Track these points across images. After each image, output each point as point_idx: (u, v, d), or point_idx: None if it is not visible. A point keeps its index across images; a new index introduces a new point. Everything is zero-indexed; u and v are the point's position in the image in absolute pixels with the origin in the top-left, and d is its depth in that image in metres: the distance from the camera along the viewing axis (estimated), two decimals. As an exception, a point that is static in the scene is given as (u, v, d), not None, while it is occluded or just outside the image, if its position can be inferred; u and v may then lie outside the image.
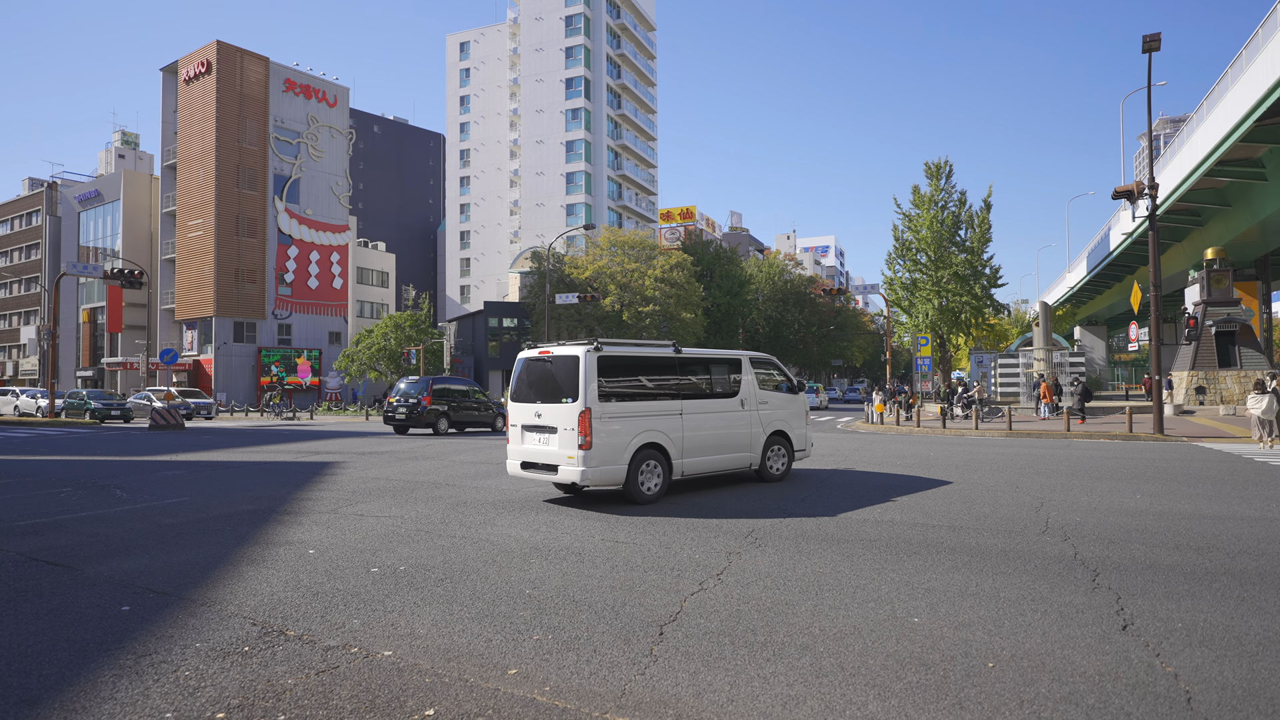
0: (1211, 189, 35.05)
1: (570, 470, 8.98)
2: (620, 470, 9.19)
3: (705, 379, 10.60)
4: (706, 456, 10.36)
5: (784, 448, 11.57)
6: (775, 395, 11.60)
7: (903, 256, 40.72)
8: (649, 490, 9.47)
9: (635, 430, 9.37)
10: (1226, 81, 27.63)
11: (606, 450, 9.05)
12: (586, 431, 8.91)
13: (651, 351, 10.10)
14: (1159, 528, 7.43)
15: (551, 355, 9.56)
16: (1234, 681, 3.73)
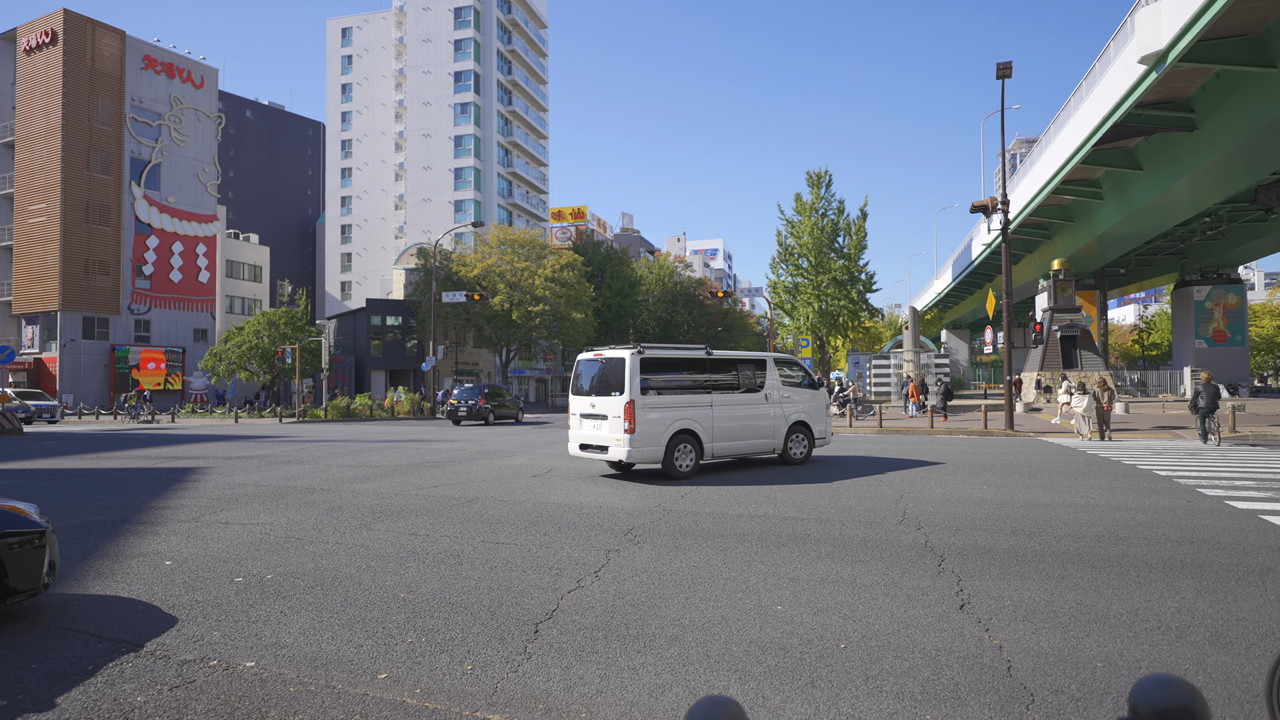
0: (1058, 206, 38.41)
1: (618, 450, 11.09)
2: (659, 451, 11.26)
3: (733, 376, 12.48)
4: (734, 442, 12.31)
5: (805, 436, 13.47)
6: (797, 390, 13.50)
7: (786, 261, 42.33)
8: (683, 468, 11.48)
9: (671, 419, 11.41)
10: (1070, 109, 30.39)
11: (647, 435, 11.12)
12: (631, 419, 10.99)
13: (686, 353, 12.11)
14: (1000, 515, 8.15)
15: (604, 357, 11.65)
16: (1048, 649, 4.18)
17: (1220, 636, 4.36)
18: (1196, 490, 9.85)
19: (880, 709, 3.47)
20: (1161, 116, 25.19)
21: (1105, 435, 18.79)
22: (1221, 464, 12.94)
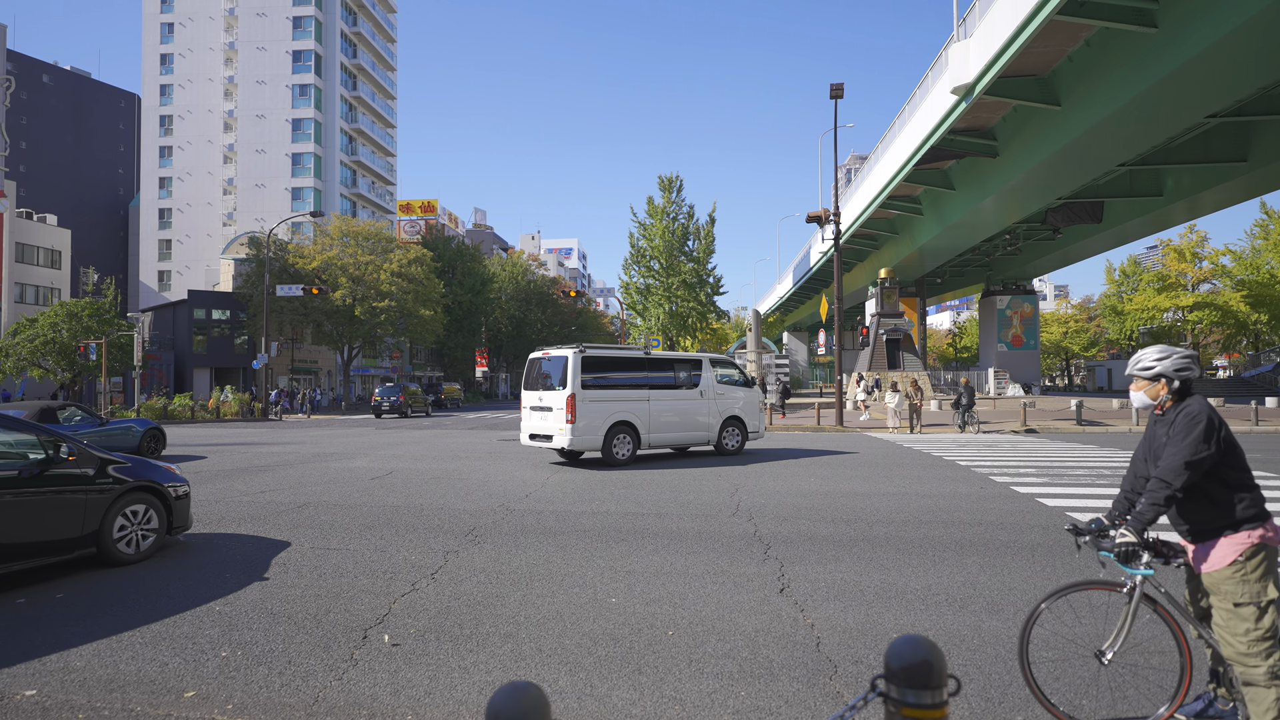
0: (885, 219, 41.67)
1: (561, 438, 12.41)
2: (598, 440, 12.62)
3: (670, 374, 13.83)
4: (670, 433, 13.71)
5: (739, 429, 14.72)
6: (732, 388, 14.78)
7: (638, 263, 43.15)
8: (620, 456, 12.86)
9: (610, 411, 12.76)
10: (894, 131, 33.07)
11: (587, 425, 12.45)
12: (572, 410, 12.30)
13: (626, 353, 13.53)
14: (823, 505, 8.78)
15: (550, 355, 13.00)
16: (853, 625, 4.59)
17: (995, 605, 4.96)
18: (989, 478, 11.07)
19: (700, 689, 3.68)
20: (970, 143, 27.97)
21: (915, 429, 20.75)
22: (1011, 454, 14.59)
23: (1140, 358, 3.27)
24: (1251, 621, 2.90)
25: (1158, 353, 3.22)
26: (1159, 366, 3.19)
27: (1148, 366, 3.22)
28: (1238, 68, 18.08)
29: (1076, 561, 5.99)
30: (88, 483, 5.98)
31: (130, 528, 6.30)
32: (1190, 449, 2.98)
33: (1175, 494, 3.01)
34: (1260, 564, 2.95)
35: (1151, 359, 3.22)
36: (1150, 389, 3.24)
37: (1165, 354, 3.20)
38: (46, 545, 5.65)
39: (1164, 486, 3.01)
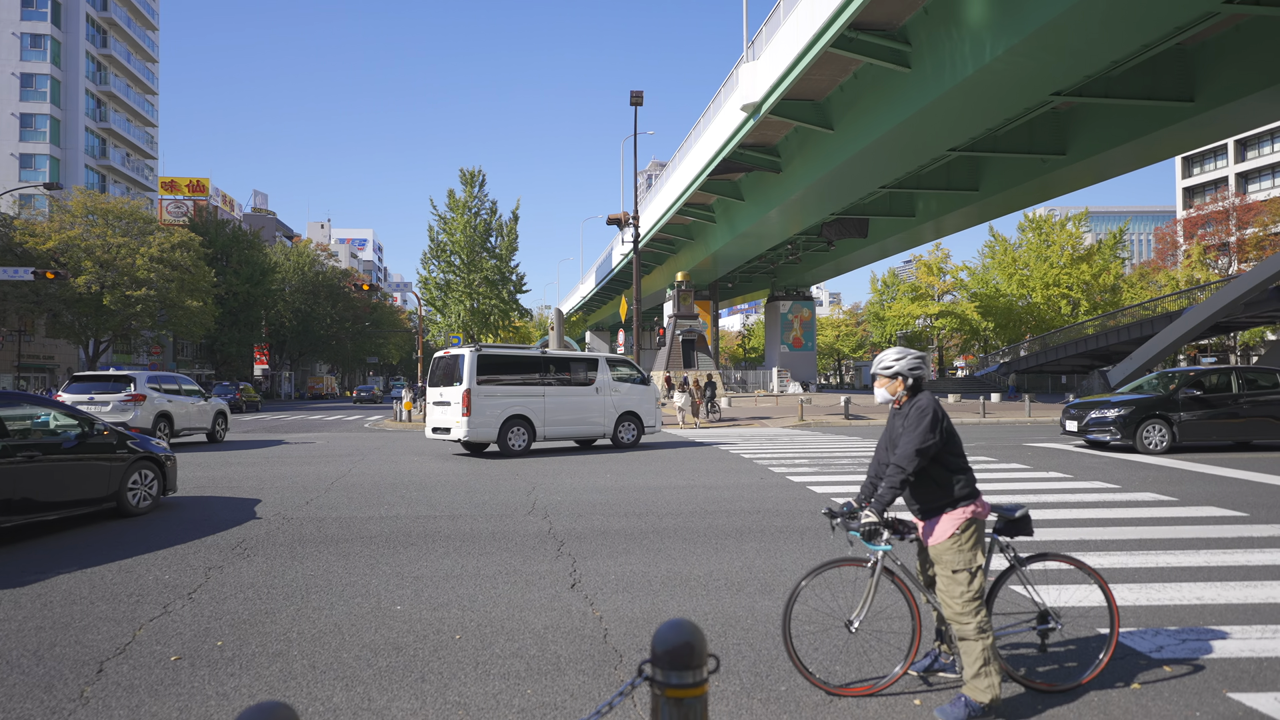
0: (681, 225, 43.62)
1: (458, 430, 13.48)
2: (493, 432, 13.71)
3: (566, 371, 14.84)
4: (565, 427, 14.71)
5: (634, 424, 15.81)
6: (628, 385, 15.83)
7: (438, 257, 41.74)
8: (516, 446, 13.94)
9: (505, 405, 13.83)
10: (691, 141, 34.73)
11: (482, 418, 13.55)
12: (467, 404, 13.37)
13: (522, 351, 14.58)
14: (617, 500, 9.02)
15: (450, 353, 14.20)
16: (640, 615, 4.75)
17: (768, 586, 5.36)
18: (768, 469, 11.96)
19: (486, 691, 3.63)
20: (758, 158, 30.08)
21: (699, 424, 22.24)
22: (789, 446, 15.88)
23: (882, 359, 3.68)
24: (965, 585, 3.37)
25: (896, 354, 3.65)
26: (897, 366, 3.61)
27: (888, 366, 3.64)
28: (969, 112, 20.99)
29: (835, 541, 6.64)
30: (112, 451, 8.01)
31: (139, 487, 8.38)
32: (920, 438, 3.41)
33: (909, 478, 3.43)
34: (972, 535, 3.44)
35: (891, 360, 3.64)
36: (890, 386, 3.66)
37: (902, 355, 3.63)
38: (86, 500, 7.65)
39: (900, 472, 3.42)
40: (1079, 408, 15.00)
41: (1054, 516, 7.76)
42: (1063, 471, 11.24)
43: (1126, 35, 16.69)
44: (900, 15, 19.57)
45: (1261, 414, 13.88)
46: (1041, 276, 52.50)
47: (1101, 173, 27.58)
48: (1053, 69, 18.28)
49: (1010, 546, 3.68)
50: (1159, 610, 4.77)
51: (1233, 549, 6.31)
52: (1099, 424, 14.07)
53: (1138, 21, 15.98)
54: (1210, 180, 75.10)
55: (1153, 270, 61.08)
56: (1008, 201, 31.76)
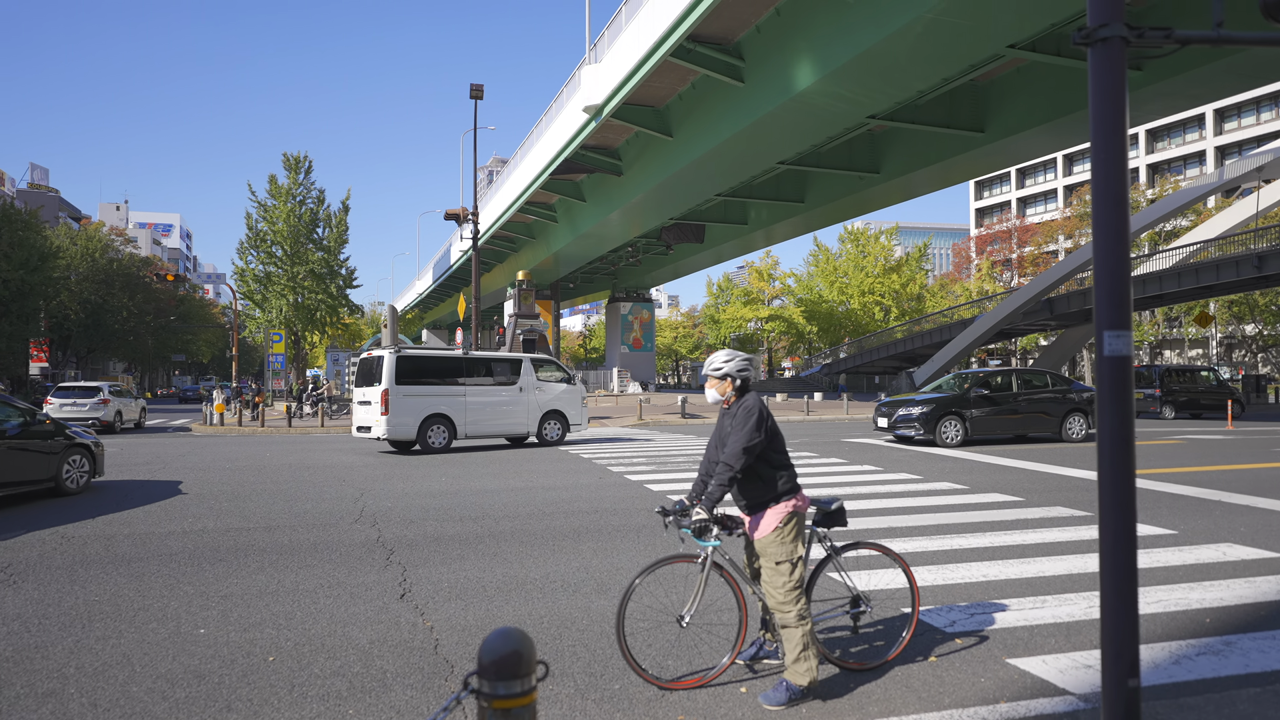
0: (523, 223, 43.16)
1: (378, 429, 14.13)
2: (412, 431, 14.34)
3: (487, 372, 15.46)
4: (488, 425, 15.36)
5: (559, 422, 16.35)
6: (553, 385, 16.42)
7: (257, 247, 38.64)
8: (436, 444, 14.59)
9: (425, 405, 14.45)
10: (533, 140, 34.43)
11: (401, 417, 14.18)
12: (385, 403, 14.03)
13: (444, 352, 15.60)
14: (452, 504, 8.74)
15: (374, 354, 14.74)
16: (474, 622, 4.61)
17: (604, 585, 5.39)
18: (607, 469, 12.08)
19: (302, 715, 3.37)
20: (600, 160, 30.34)
21: None
22: (627, 446, 16.13)
23: (712, 361, 3.80)
24: (787, 575, 3.55)
25: (725, 356, 3.78)
26: (726, 368, 3.75)
27: (718, 368, 3.76)
28: (795, 128, 22.34)
29: (669, 538, 6.81)
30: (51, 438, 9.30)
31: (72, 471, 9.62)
32: (747, 437, 3.55)
33: (737, 475, 3.56)
34: (794, 528, 3.63)
35: (721, 362, 3.77)
36: (720, 386, 3.79)
37: (730, 357, 3.77)
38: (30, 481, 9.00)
39: (728, 470, 3.54)
40: (889, 406, 16.37)
41: (867, 506, 8.40)
42: (875, 464, 12.21)
43: (930, 69, 18.44)
44: (735, 31, 20.46)
45: (1036, 410, 15.82)
46: (859, 285, 56.87)
47: (910, 191, 30.31)
48: (868, 94, 19.85)
49: (827, 537, 3.92)
50: (953, 588, 5.28)
51: (1011, 530, 7.12)
52: (905, 420, 15.43)
53: (939, 57, 17.70)
54: (997, 203, 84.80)
55: (951, 281, 68.08)
56: (830, 214, 34.11)
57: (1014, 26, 16.25)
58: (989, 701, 3.49)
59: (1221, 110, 64.63)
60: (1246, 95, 62.35)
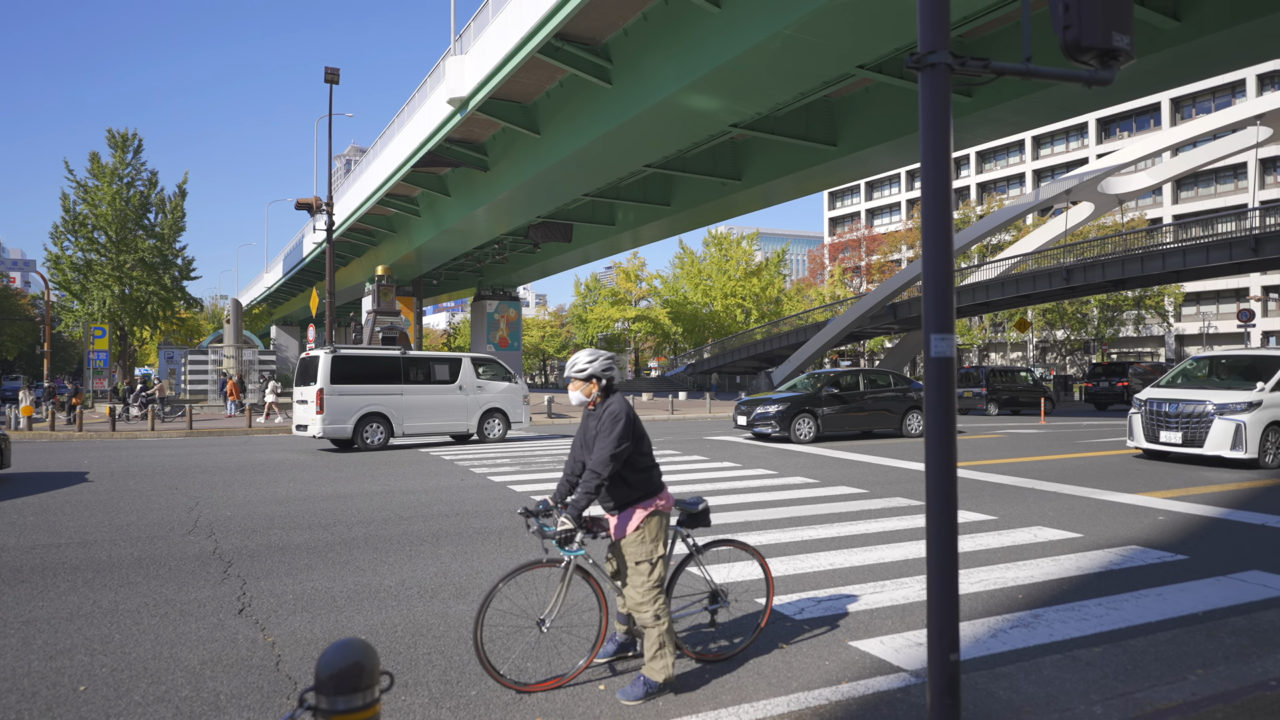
0: (383, 216, 41.42)
1: (315, 427, 14.48)
2: (347, 429, 14.58)
3: (425, 372, 15.68)
4: (425, 423, 15.57)
5: (500, 420, 16.62)
6: (492, 384, 16.68)
7: (76, 233, 34.80)
8: (372, 442, 14.78)
9: (360, 403, 14.69)
10: (394, 129, 33.11)
11: (336, 415, 14.46)
12: (320, 402, 14.36)
13: (381, 352, 15.67)
14: (300, 512, 8.24)
15: (311, 355, 15.23)
16: (321, 635, 4.36)
17: (463, 590, 5.26)
18: (470, 470, 11.81)
19: (118, 749, 3.06)
20: (465, 154, 29.62)
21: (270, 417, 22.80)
22: (490, 447, 15.84)
23: (575, 361, 3.78)
24: (647, 575, 3.59)
25: (588, 356, 3.77)
26: (590, 369, 3.74)
27: (581, 369, 3.74)
28: (661, 133, 22.79)
29: (533, 540, 6.74)
30: None
31: None
32: (614, 444, 3.55)
33: (604, 482, 3.56)
34: (656, 528, 3.68)
35: (584, 363, 3.76)
36: (584, 388, 3.77)
37: (594, 358, 3.76)
38: None
39: (595, 478, 3.53)
40: (748, 404, 17.02)
41: (727, 501, 8.69)
42: (734, 461, 12.66)
43: (787, 83, 19.35)
44: (604, 32, 20.58)
45: (880, 408, 16.95)
46: (721, 287, 58.78)
47: (770, 199, 31.66)
48: (730, 104, 20.56)
49: (690, 536, 4.01)
50: (804, 577, 5.55)
51: (857, 520, 7.58)
52: (763, 419, 16.09)
53: (796, 73, 18.60)
54: (849, 213, 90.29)
55: (807, 286, 71.75)
56: (695, 218, 35.03)
57: (863, 48, 17.33)
58: (832, 682, 3.69)
59: (1038, 137, 71.98)
60: (1058, 126, 69.85)
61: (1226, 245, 30.36)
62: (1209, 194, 60.95)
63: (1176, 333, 60.50)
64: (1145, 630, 4.43)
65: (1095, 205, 37.94)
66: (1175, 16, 15.78)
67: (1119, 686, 3.61)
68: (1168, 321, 56.27)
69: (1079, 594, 5.12)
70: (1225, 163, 51.55)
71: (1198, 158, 36.33)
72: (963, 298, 38.97)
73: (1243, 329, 48.69)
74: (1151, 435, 12.20)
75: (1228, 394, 11.51)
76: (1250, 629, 4.41)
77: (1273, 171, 58.13)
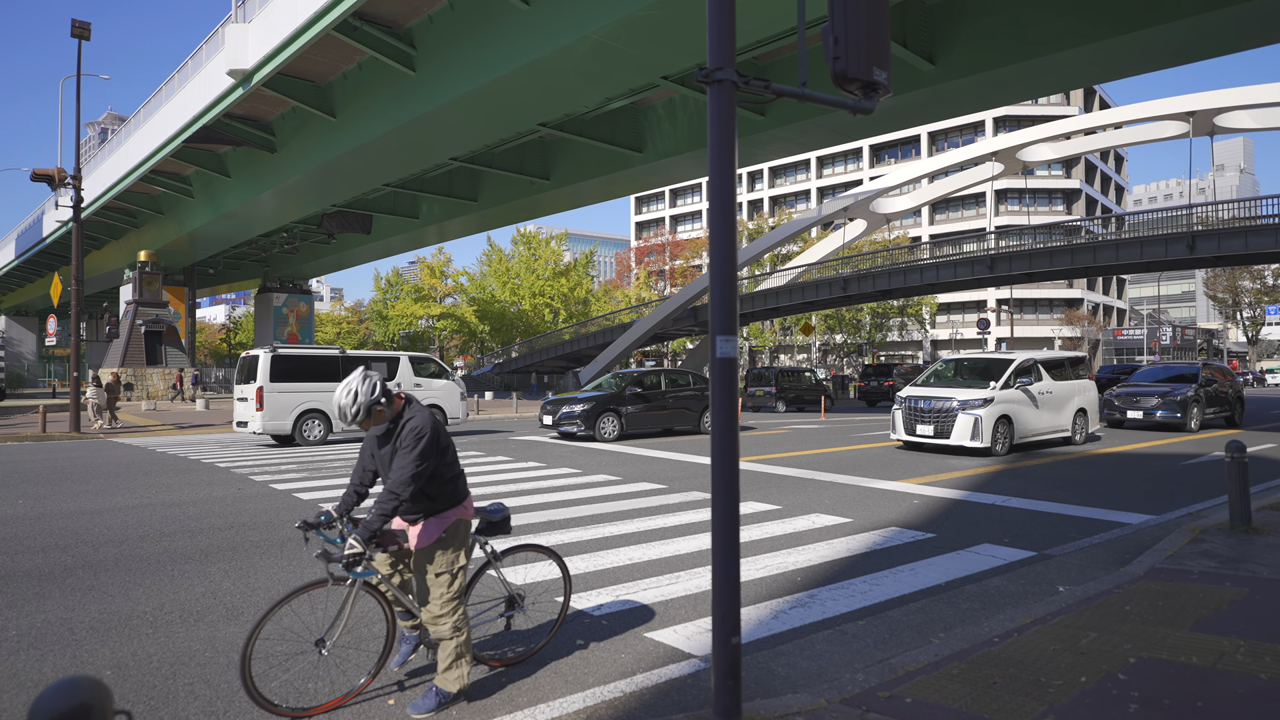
0: (148, 195, 36.76)
1: (255, 424, 15.30)
2: (286, 425, 15.58)
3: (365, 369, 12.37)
4: None
5: (440, 415, 16.53)
6: (432, 381, 17.27)
7: None
8: (311, 438, 15.89)
9: (299, 400, 15.72)
10: (163, 98, 29.50)
11: (275, 412, 15.43)
12: (260, 400, 15.25)
13: (320, 351, 16.58)
14: (32, 531, 7.09)
15: (251, 354, 16.10)
16: (51, 674, 3.77)
17: (235, 610, 4.78)
18: (249, 478, 10.79)
19: None
20: (248, 132, 27.04)
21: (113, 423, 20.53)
22: (274, 452, 14.60)
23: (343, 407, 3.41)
24: (446, 586, 3.46)
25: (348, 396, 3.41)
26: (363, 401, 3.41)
27: (358, 408, 3.40)
28: (467, 126, 22.27)
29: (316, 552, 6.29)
30: None
31: None
32: (415, 462, 3.34)
33: (403, 503, 3.35)
34: (457, 537, 3.56)
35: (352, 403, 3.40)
36: (379, 419, 3.50)
37: (351, 394, 3.41)
38: None
39: (394, 498, 3.31)
40: (554, 404, 17.06)
41: (530, 501, 8.64)
42: (539, 460, 12.63)
43: (595, 87, 19.63)
44: (408, 16, 19.67)
45: (680, 406, 17.70)
46: (530, 286, 58.50)
47: (579, 200, 31.94)
48: (537, 103, 20.48)
49: (489, 543, 3.91)
50: (603, 574, 5.64)
51: (656, 515, 7.85)
52: (568, 418, 16.21)
53: (603, 77, 18.93)
54: (654, 218, 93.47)
55: (614, 288, 73.32)
56: (503, 215, 34.52)
57: (666, 61, 18.01)
58: (627, 674, 3.78)
59: (822, 158, 78.95)
60: (838, 149, 77.03)
61: (970, 263, 35.03)
62: (958, 217, 70.13)
63: (932, 338, 68.97)
64: (900, 602, 4.98)
65: (868, 223, 42.22)
66: (931, 60, 17.93)
67: (878, 654, 4.03)
68: (925, 328, 64.03)
69: (848, 573, 5.65)
70: (969, 191, 59.44)
71: (949, 185, 41.61)
72: (756, 303, 41.75)
73: (981, 335, 56.43)
74: (910, 429, 13.78)
75: (968, 392, 13.28)
76: (981, 594, 5.11)
77: (1004, 201, 68.00)
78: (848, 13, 2.76)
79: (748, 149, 24.08)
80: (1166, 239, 29.28)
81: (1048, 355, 14.95)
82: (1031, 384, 13.76)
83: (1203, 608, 4.52)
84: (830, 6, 2.80)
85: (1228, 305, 74.73)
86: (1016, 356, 14.30)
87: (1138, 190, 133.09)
